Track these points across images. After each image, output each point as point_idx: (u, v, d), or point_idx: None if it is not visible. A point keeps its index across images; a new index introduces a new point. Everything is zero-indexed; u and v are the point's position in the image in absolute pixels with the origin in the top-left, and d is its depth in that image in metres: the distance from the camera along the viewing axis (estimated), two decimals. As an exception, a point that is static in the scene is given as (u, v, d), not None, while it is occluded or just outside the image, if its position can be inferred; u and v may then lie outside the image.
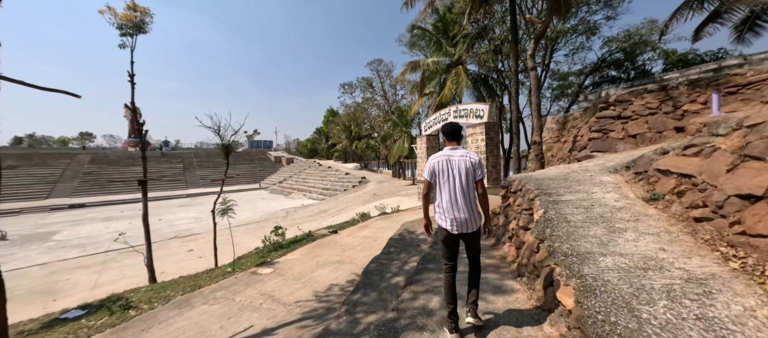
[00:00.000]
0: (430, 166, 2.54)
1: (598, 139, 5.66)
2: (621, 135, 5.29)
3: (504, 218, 4.82)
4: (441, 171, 2.50)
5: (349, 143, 35.84)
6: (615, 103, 6.22)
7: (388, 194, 22.03)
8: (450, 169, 2.47)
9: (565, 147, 6.73)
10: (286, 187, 37.88)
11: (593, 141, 5.49)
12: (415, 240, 7.01)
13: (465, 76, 15.38)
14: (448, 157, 2.51)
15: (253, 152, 62.55)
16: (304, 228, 15.89)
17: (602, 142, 5.40)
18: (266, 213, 22.48)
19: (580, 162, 5.03)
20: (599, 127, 5.65)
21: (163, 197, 33.66)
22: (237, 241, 14.99)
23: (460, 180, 2.44)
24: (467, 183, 2.44)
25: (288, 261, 7.45)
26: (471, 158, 2.48)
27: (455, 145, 2.58)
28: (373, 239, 8.89)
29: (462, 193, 2.43)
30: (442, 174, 2.49)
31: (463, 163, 2.46)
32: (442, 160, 2.51)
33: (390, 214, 13.01)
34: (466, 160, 2.46)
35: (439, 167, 2.50)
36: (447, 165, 2.48)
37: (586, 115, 7.03)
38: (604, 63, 14.45)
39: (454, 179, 2.45)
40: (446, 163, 2.49)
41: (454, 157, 2.49)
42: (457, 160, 2.48)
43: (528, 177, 4.59)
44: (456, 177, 2.45)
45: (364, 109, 33.15)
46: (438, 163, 2.51)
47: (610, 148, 5.17)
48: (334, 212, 19.61)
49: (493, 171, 11.46)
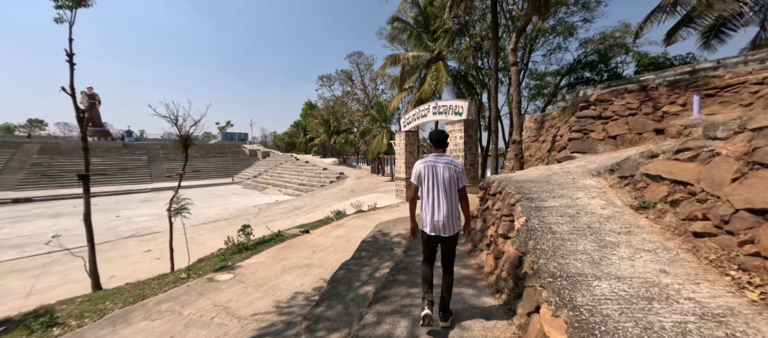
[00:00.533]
0: (417, 170, 2.70)
1: (578, 139, 5.49)
2: (601, 135, 5.13)
3: (482, 222, 4.50)
4: (426, 176, 2.64)
5: (327, 137, 34.92)
6: (595, 102, 6.06)
7: (366, 191, 21.56)
8: (435, 175, 2.61)
9: (543, 147, 6.58)
10: (260, 182, 36.44)
11: (573, 141, 5.31)
12: (388, 243, 6.60)
13: (445, 71, 15.11)
14: (433, 163, 2.64)
15: (227, 145, 59.88)
16: (275, 227, 15.14)
17: (582, 143, 5.24)
18: (237, 209, 21.35)
19: (560, 163, 4.83)
20: (579, 127, 5.48)
21: (124, 191, 31.31)
22: (203, 240, 13.99)
23: (444, 186, 2.58)
24: (450, 190, 2.59)
25: (251, 266, 6.82)
26: (455, 167, 2.63)
27: (441, 152, 2.72)
28: (346, 239, 8.40)
29: (445, 199, 2.56)
30: (427, 179, 2.63)
31: (447, 170, 2.60)
32: (429, 165, 2.65)
33: (366, 212, 12.56)
34: (451, 168, 2.61)
35: (424, 172, 2.65)
36: (433, 171, 2.62)
37: (564, 115, 6.90)
38: (579, 64, 14.70)
39: (438, 185, 2.59)
40: (432, 169, 2.63)
41: (439, 164, 2.63)
42: (442, 167, 2.61)
43: (508, 179, 4.30)
44: (440, 183, 2.58)
45: (343, 102, 32.30)
46: (424, 168, 2.65)
47: (590, 149, 5.01)
48: (310, 209, 18.90)
49: (471, 170, 11.27)
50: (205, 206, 23.22)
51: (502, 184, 4.02)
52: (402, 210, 11.70)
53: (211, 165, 48.39)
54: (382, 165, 29.14)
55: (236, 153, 56.70)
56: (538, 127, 8.45)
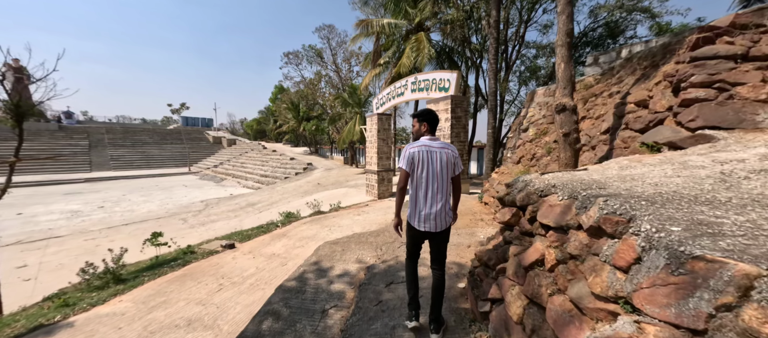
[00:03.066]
0: (408, 155, 2.32)
1: (707, 101, 2.77)
2: (764, 92, 2.75)
3: (508, 265, 2.02)
4: (421, 161, 2.30)
5: (296, 124, 31.47)
6: (730, 29, 3.08)
7: (335, 184, 18.76)
8: (430, 160, 2.29)
9: (595, 126, 4.26)
10: (220, 173, 32.55)
11: (699, 106, 2.76)
12: (322, 294, 3.92)
13: (427, 43, 12.48)
14: (428, 147, 2.31)
15: (187, 131, 54.45)
16: (216, 230, 12.07)
17: (718, 109, 2.57)
18: (178, 205, 17.86)
19: (677, 150, 2.41)
20: (706, 79, 3.01)
21: (47, 182, 26.46)
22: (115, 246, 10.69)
23: (440, 173, 2.29)
24: (446, 178, 2.31)
25: (95, 321, 3.95)
26: (452, 151, 2.36)
27: (432, 135, 2.41)
28: (281, 262, 5.69)
29: (440, 188, 2.28)
30: (422, 165, 2.29)
31: (444, 154, 2.31)
32: (423, 149, 2.31)
33: (326, 214, 9.84)
34: (447, 153, 2.33)
35: (418, 157, 2.29)
36: (427, 156, 2.29)
37: (613, 80, 4.59)
38: (584, 38, 12.55)
39: (434, 172, 2.28)
40: (427, 153, 2.30)
41: (434, 147, 2.32)
42: (438, 151, 2.31)
43: (587, 185, 1.78)
44: (437, 170, 2.29)
45: (314, 84, 28.87)
46: (418, 153, 2.30)
47: (738, 119, 2.62)
48: (265, 206, 15.87)
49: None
50: (142, 201, 19.48)
51: (587, 201, 1.50)
52: (370, 214, 9.10)
53: (166, 152, 43.40)
54: (356, 155, 26.34)
55: (198, 140, 51.67)
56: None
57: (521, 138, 6.15)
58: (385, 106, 12.14)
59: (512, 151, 6.42)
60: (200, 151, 46.55)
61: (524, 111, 6.60)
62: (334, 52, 26.09)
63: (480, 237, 5.13)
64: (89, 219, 15.09)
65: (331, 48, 25.86)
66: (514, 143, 6.46)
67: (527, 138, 5.89)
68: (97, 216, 15.60)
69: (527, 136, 5.92)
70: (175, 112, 59.92)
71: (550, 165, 4.44)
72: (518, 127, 6.55)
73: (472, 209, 7.11)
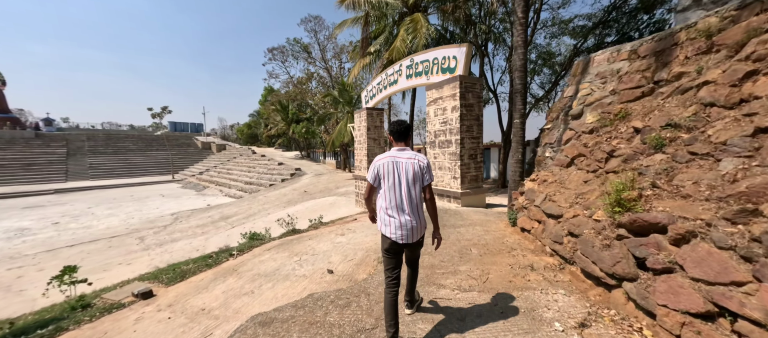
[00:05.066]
0: (374, 167, 2.34)
1: None
2: None
3: None
4: (387, 173, 2.29)
5: (286, 126, 29.34)
6: None
7: (323, 191, 16.63)
8: (396, 171, 2.27)
9: None
10: (204, 180, 30.34)
11: None
12: None
13: (425, 22, 10.41)
14: (394, 158, 2.29)
15: (175, 136, 52.24)
16: (172, 253, 9.95)
17: None
18: (144, 220, 15.66)
19: None
20: None
21: (12, 194, 24.10)
22: (44, 276, 8.50)
23: (407, 184, 2.26)
24: (415, 189, 2.28)
25: None
26: (420, 161, 2.29)
27: (403, 145, 2.38)
28: (203, 331, 3.55)
29: (408, 199, 2.26)
30: (388, 177, 2.29)
31: (410, 165, 2.27)
32: (388, 161, 2.29)
33: (301, 234, 7.73)
34: (414, 163, 2.27)
35: (384, 169, 2.30)
36: (393, 167, 2.28)
37: None
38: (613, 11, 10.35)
39: (400, 183, 2.26)
40: (393, 164, 2.28)
41: (400, 158, 2.29)
42: (405, 162, 2.28)
43: None
44: (402, 181, 2.26)
45: (302, 83, 26.72)
46: (383, 165, 2.30)
47: None
48: (240, 220, 13.72)
49: (471, 166, 6.73)
50: (106, 215, 17.25)
51: None
52: (357, 233, 6.98)
53: (151, 160, 41.17)
54: (348, 158, 24.23)
55: (186, 146, 49.46)
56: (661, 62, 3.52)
57: (572, 128, 4.09)
58: (375, 98, 10.05)
59: (556, 148, 4.35)
60: (188, 157, 44.33)
61: (571, 89, 4.54)
62: (322, 48, 23.95)
63: (556, 327, 2.59)
64: (33, 239, 12.86)
65: (318, 42, 23.71)
66: (558, 136, 4.39)
67: (584, 127, 3.83)
68: (44, 236, 13.36)
69: (583, 125, 3.86)
70: (155, 117, 57.51)
71: (681, 172, 2.39)
72: (562, 112, 4.48)
73: (502, 239, 4.80)
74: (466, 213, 6.53)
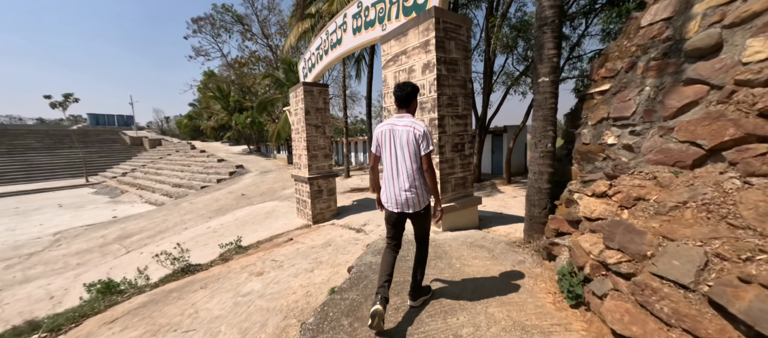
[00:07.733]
0: (375, 135, 2.26)
1: None
2: None
3: None
4: (384, 142, 2.19)
5: (227, 117, 25.08)
6: None
7: (265, 194, 13.53)
8: (393, 140, 2.13)
9: None
10: (124, 183, 25.18)
11: None
12: None
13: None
14: (392, 126, 2.15)
15: (96, 131, 44.35)
16: (7, 305, 6.53)
17: None
18: (9, 245, 11.36)
19: None
20: None
21: None
22: None
23: (403, 153, 2.11)
24: (410, 158, 2.10)
25: None
26: (415, 129, 2.08)
27: (404, 112, 2.20)
28: None
29: (405, 168, 2.10)
30: (385, 145, 2.18)
31: (405, 133, 2.09)
32: (386, 129, 2.17)
33: (194, 277, 4.90)
34: (410, 131, 2.08)
35: (382, 138, 2.19)
36: (390, 135, 2.14)
37: None
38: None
39: (395, 152, 2.13)
40: (390, 132, 2.15)
41: (398, 126, 2.13)
42: (401, 129, 2.11)
43: None
44: (398, 149, 2.12)
45: (242, 64, 22.60)
46: (381, 133, 2.20)
47: None
48: (143, 239, 10.25)
49: (455, 161, 4.35)
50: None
51: None
52: (286, 271, 4.25)
53: (61, 160, 34.09)
54: (301, 152, 21.02)
55: (111, 142, 42.19)
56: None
57: (697, 78, 1.78)
58: (316, 69, 7.28)
59: (641, 128, 2.07)
60: (112, 155, 37.57)
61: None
62: (262, 20, 19.96)
63: None
64: None
65: (256, 14, 19.69)
66: (647, 102, 2.09)
67: (739, 74, 1.58)
68: None
69: (736, 69, 1.61)
70: (55, 107, 48.21)
71: None
72: (652, 50, 2.15)
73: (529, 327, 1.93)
74: (455, 250, 3.49)
